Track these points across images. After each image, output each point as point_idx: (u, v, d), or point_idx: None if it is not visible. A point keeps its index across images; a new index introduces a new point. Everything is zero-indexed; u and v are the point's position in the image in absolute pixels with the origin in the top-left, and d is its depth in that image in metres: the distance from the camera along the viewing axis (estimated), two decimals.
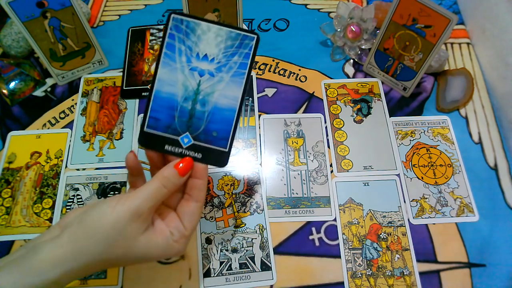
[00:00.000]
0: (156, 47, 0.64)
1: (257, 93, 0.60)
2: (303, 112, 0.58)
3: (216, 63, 0.35)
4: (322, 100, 0.59)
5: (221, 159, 0.36)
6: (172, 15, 0.34)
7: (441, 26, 0.50)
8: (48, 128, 0.57)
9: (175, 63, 0.34)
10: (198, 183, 0.35)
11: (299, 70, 0.62)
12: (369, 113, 0.58)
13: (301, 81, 0.61)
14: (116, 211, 0.31)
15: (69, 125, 0.57)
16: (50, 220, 0.50)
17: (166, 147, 0.35)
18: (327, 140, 0.56)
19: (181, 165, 0.34)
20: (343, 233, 0.49)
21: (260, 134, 0.56)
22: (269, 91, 0.60)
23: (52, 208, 0.51)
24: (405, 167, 0.54)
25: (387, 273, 0.47)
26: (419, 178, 0.53)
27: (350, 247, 0.48)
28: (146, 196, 0.32)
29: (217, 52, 0.35)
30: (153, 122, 0.35)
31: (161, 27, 0.66)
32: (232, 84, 0.35)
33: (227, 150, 0.36)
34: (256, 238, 0.49)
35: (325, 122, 0.57)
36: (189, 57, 0.35)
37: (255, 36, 0.35)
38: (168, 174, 0.34)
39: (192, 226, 0.35)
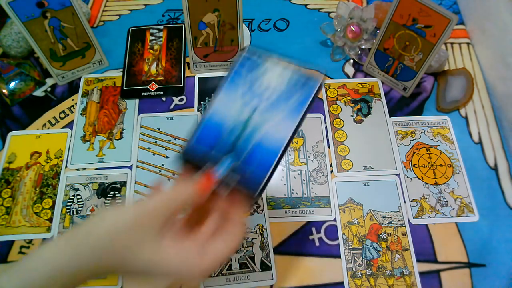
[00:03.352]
0: (156, 47, 0.64)
1: None
2: None
3: (274, 98, 0.33)
4: (322, 100, 0.59)
5: (248, 199, 0.32)
6: (249, 47, 0.36)
7: (441, 26, 0.50)
8: (48, 128, 0.57)
9: (235, 91, 0.34)
10: (236, 216, 0.31)
11: None
12: (369, 113, 0.58)
13: None
14: (115, 216, 0.29)
15: (69, 125, 0.57)
16: (50, 220, 0.50)
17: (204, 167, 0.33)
18: (327, 140, 0.56)
19: (203, 182, 0.31)
20: (343, 233, 0.49)
21: None
22: None
23: (52, 208, 0.51)
24: (405, 167, 0.54)
25: (387, 273, 0.47)
26: (419, 178, 0.53)
27: (350, 247, 0.48)
28: (154, 203, 0.29)
29: (278, 87, 0.34)
30: (197, 143, 0.33)
31: (161, 27, 0.66)
32: (283, 123, 0.33)
33: (255, 195, 0.32)
34: (256, 238, 0.49)
35: (325, 122, 0.57)
36: (250, 88, 0.34)
37: (321, 78, 0.34)
38: (187, 185, 0.31)
39: (212, 265, 0.30)
